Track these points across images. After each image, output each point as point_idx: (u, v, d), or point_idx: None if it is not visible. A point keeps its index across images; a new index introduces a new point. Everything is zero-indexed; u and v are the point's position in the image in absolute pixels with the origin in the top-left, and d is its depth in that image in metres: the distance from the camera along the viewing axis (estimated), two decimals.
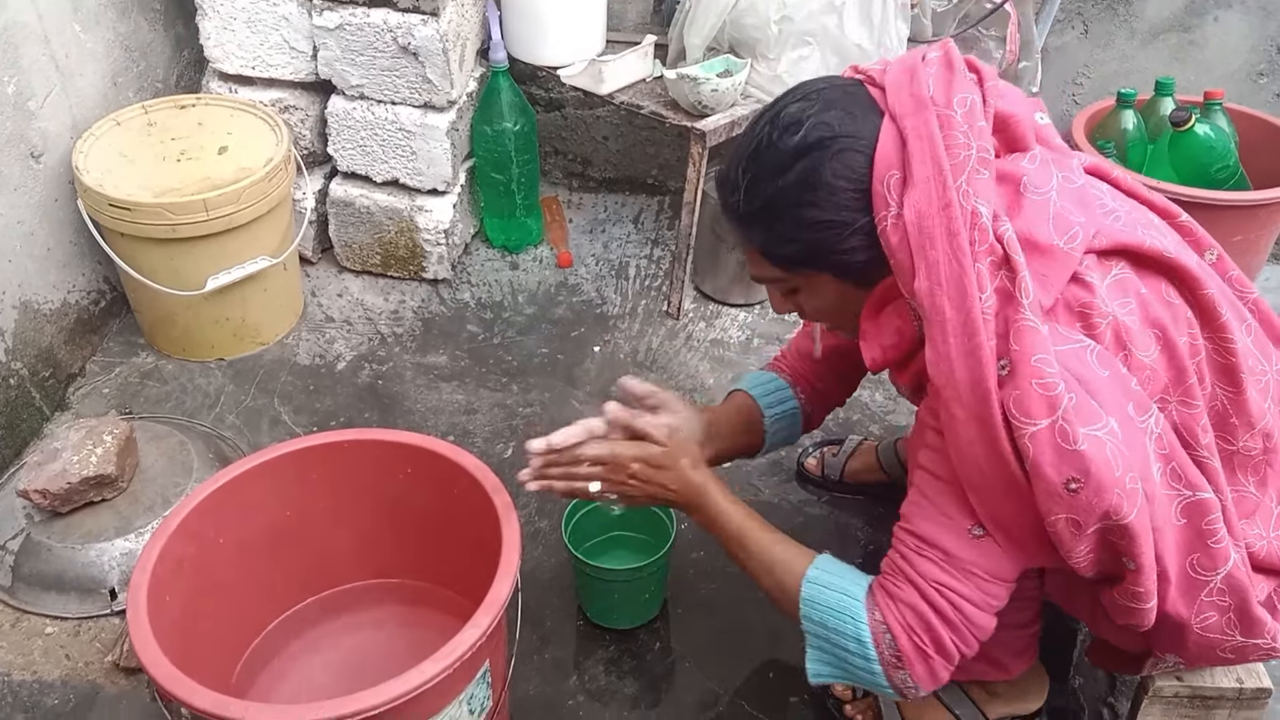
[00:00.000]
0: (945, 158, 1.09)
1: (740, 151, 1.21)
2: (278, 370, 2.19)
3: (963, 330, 1.06)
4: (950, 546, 1.15)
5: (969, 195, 1.08)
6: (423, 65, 2.17)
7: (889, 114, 1.14)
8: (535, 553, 1.82)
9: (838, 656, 1.22)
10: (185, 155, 2.09)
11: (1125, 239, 1.15)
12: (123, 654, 1.62)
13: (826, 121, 1.14)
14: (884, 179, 1.12)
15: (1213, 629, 1.18)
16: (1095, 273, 1.13)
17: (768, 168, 1.17)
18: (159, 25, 2.32)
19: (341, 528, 1.57)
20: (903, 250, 1.10)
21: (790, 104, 1.18)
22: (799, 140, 1.14)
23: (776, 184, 1.16)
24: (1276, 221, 2.22)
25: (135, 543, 1.71)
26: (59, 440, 1.74)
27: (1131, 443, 1.06)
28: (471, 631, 1.22)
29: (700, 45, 2.17)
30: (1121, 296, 1.13)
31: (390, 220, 2.35)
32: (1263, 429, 1.20)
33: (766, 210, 1.18)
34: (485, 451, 2.01)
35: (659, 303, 2.39)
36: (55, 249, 2.08)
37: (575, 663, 1.65)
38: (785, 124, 1.16)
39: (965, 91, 1.14)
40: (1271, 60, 2.44)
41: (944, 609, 1.15)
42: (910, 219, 1.09)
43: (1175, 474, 1.12)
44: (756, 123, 1.21)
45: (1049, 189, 1.13)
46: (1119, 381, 1.08)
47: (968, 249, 1.06)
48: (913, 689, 1.19)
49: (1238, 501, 1.20)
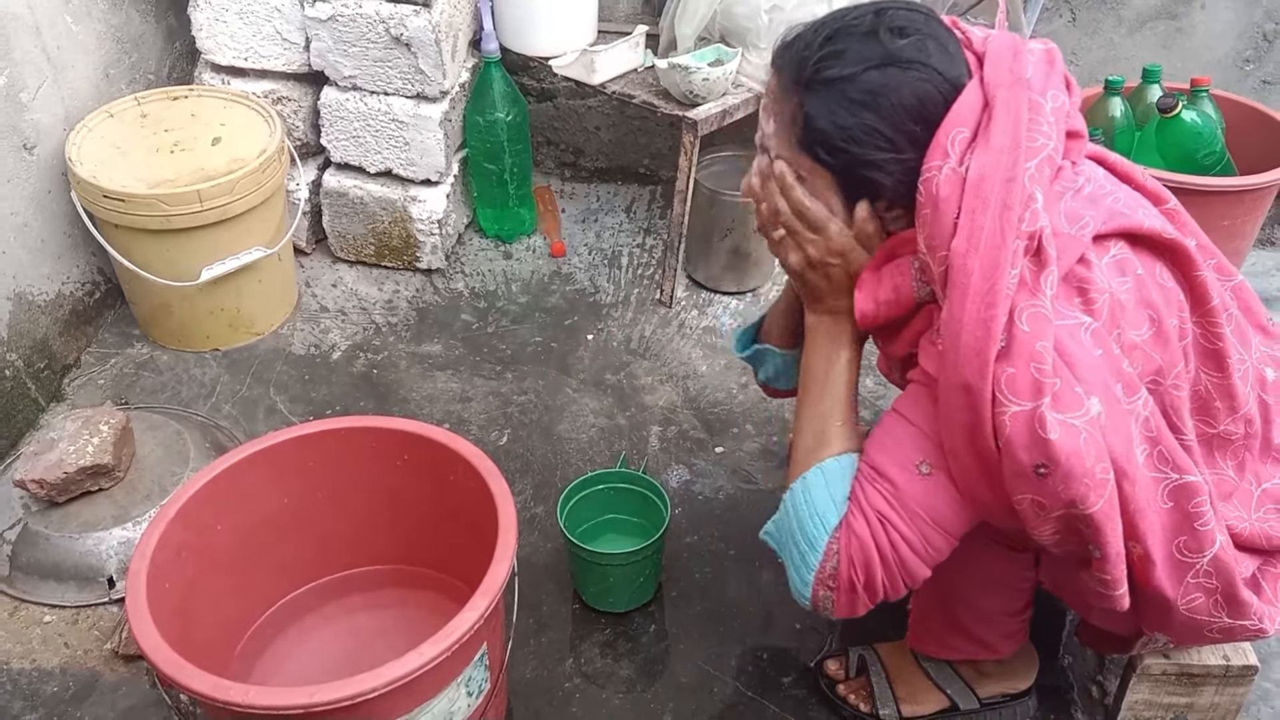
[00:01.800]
0: (1025, 137, 1.10)
1: (828, 23, 1.17)
2: (273, 360, 2.20)
3: (984, 298, 1.06)
4: (899, 480, 1.14)
5: (1034, 180, 1.09)
6: (415, 56, 2.17)
7: (980, 78, 1.14)
8: (531, 538, 1.83)
9: (791, 541, 1.20)
10: (179, 147, 2.09)
11: (1126, 222, 1.17)
12: (121, 641, 1.63)
13: (927, 47, 1.13)
14: (952, 132, 1.11)
15: (1199, 610, 1.20)
16: (1095, 251, 1.14)
17: (855, 51, 1.13)
18: (151, 17, 2.32)
19: (339, 514, 1.59)
20: (949, 204, 1.09)
21: (900, 9, 1.16)
22: (898, 47, 1.12)
23: (854, 70, 1.12)
24: (1262, 207, 2.24)
25: (132, 532, 1.72)
26: (55, 430, 1.75)
27: (1115, 425, 1.07)
28: (469, 615, 1.24)
29: (691, 35, 2.18)
30: (1120, 275, 1.15)
31: (384, 210, 2.36)
32: (1244, 414, 1.22)
33: (828, 87, 1.13)
34: (480, 439, 2.02)
35: (651, 291, 2.41)
36: (49, 240, 2.09)
37: (571, 646, 1.67)
38: (891, 22, 1.14)
39: (1059, 90, 1.16)
40: (1257, 47, 2.45)
41: (885, 550, 1.14)
42: (973, 177, 1.08)
43: (1162, 457, 1.13)
44: (854, 7, 1.17)
45: (1072, 187, 1.16)
46: (1110, 361, 1.10)
47: (1014, 225, 1.07)
48: (826, 611, 1.19)
49: (1215, 484, 1.22)
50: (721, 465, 1.98)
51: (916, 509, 1.14)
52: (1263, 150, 2.25)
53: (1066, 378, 1.05)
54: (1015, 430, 1.04)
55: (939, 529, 1.15)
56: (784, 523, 1.22)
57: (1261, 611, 1.21)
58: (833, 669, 1.59)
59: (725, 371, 2.19)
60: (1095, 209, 1.15)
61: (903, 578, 1.16)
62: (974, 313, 1.06)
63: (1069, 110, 1.17)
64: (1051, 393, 1.04)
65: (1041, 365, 1.04)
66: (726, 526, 1.86)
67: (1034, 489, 1.07)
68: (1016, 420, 1.04)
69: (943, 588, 1.40)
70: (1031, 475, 1.06)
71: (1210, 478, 1.21)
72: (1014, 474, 1.07)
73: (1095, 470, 1.05)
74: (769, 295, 2.40)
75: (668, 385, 2.16)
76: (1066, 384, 1.05)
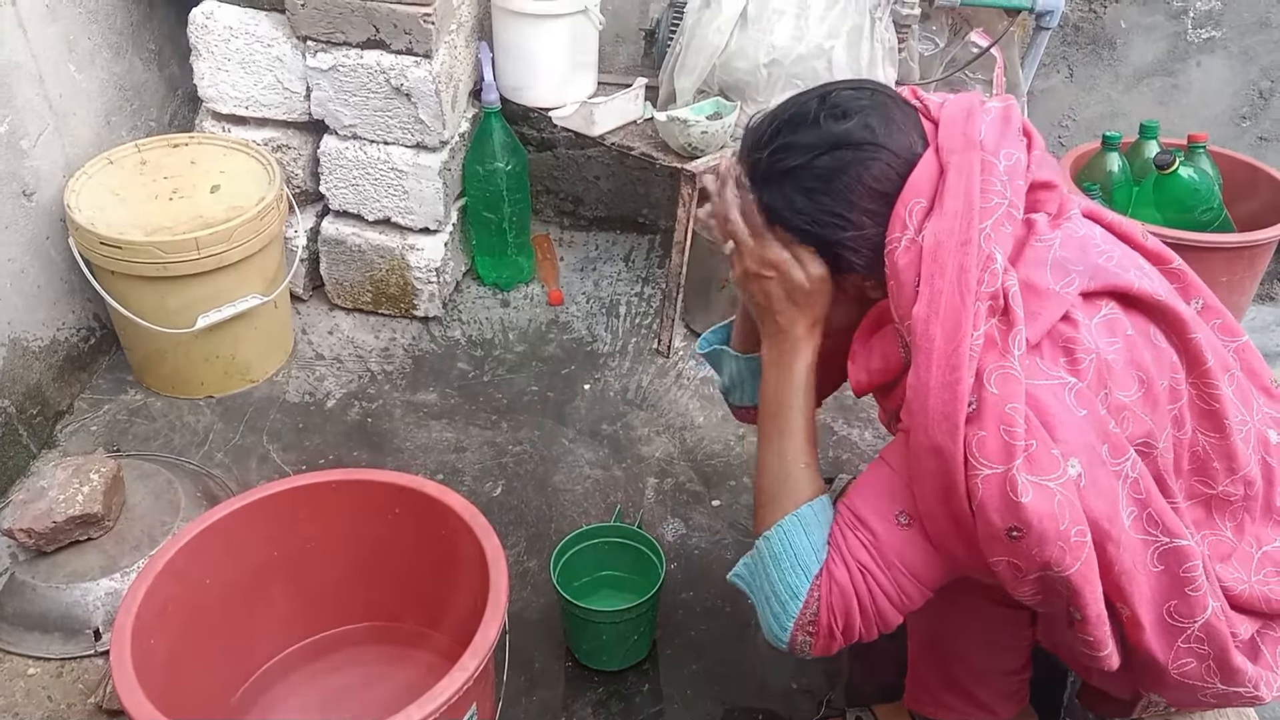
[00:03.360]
0: (978, 199, 1.11)
1: (778, 114, 1.20)
2: (267, 408, 2.19)
3: (948, 362, 1.07)
4: (878, 530, 1.15)
5: (990, 240, 1.10)
6: (415, 106, 2.19)
7: (935, 146, 1.16)
8: (524, 593, 1.81)
9: (767, 587, 1.20)
10: (177, 194, 2.10)
11: (1116, 281, 1.16)
12: (105, 695, 1.60)
13: (872, 125, 1.15)
14: (909, 203, 1.13)
15: (1192, 675, 1.18)
16: (1083, 311, 1.14)
17: (802, 140, 1.16)
18: (153, 65, 2.34)
19: (329, 568, 1.56)
20: (909, 273, 1.11)
21: (845, 90, 1.19)
22: (842, 130, 1.15)
23: (804, 160, 1.16)
24: (1260, 263, 2.24)
25: (121, 582, 1.70)
26: (45, 478, 1.74)
27: (1099, 487, 1.07)
28: (458, 675, 1.22)
29: (690, 88, 2.19)
30: (1109, 336, 1.14)
31: (381, 258, 2.36)
32: (1244, 475, 1.21)
33: (786, 178, 1.17)
34: (474, 490, 2.00)
35: (649, 340, 2.40)
36: (45, 286, 2.08)
37: (564, 705, 1.64)
38: (834, 107, 1.16)
39: (1013, 148, 1.17)
40: (1254, 104, 2.47)
41: (865, 599, 1.15)
42: (929, 245, 1.10)
43: (1151, 519, 1.12)
44: (802, 94, 1.20)
45: (1053, 238, 1.16)
46: (1095, 422, 1.09)
47: (973, 287, 1.08)
48: (803, 653, 1.19)
49: (1213, 545, 1.20)
50: (719, 519, 1.96)
51: (894, 560, 1.14)
52: (1260, 206, 2.26)
53: (1043, 439, 1.05)
54: (987, 494, 1.04)
55: (914, 580, 1.15)
56: (759, 569, 1.22)
57: (1257, 678, 1.19)
58: None
59: (722, 423, 2.17)
60: (1083, 264, 1.15)
61: (878, 624, 1.17)
62: (939, 376, 1.07)
63: (1025, 166, 1.17)
64: (1024, 455, 1.04)
65: (1012, 428, 1.04)
66: (723, 583, 1.82)
67: (1008, 551, 1.07)
68: (988, 484, 1.04)
69: (940, 646, 1.39)
70: (1005, 538, 1.05)
71: (1208, 540, 1.19)
72: (988, 536, 1.07)
73: (1070, 533, 1.05)
74: None
75: (664, 436, 2.15)
76: (1043, 445, 1.05)
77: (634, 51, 2.51)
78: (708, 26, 2.14)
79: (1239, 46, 2.41)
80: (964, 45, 2.28)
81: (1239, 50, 2.41)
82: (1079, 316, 1.13)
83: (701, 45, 2.14)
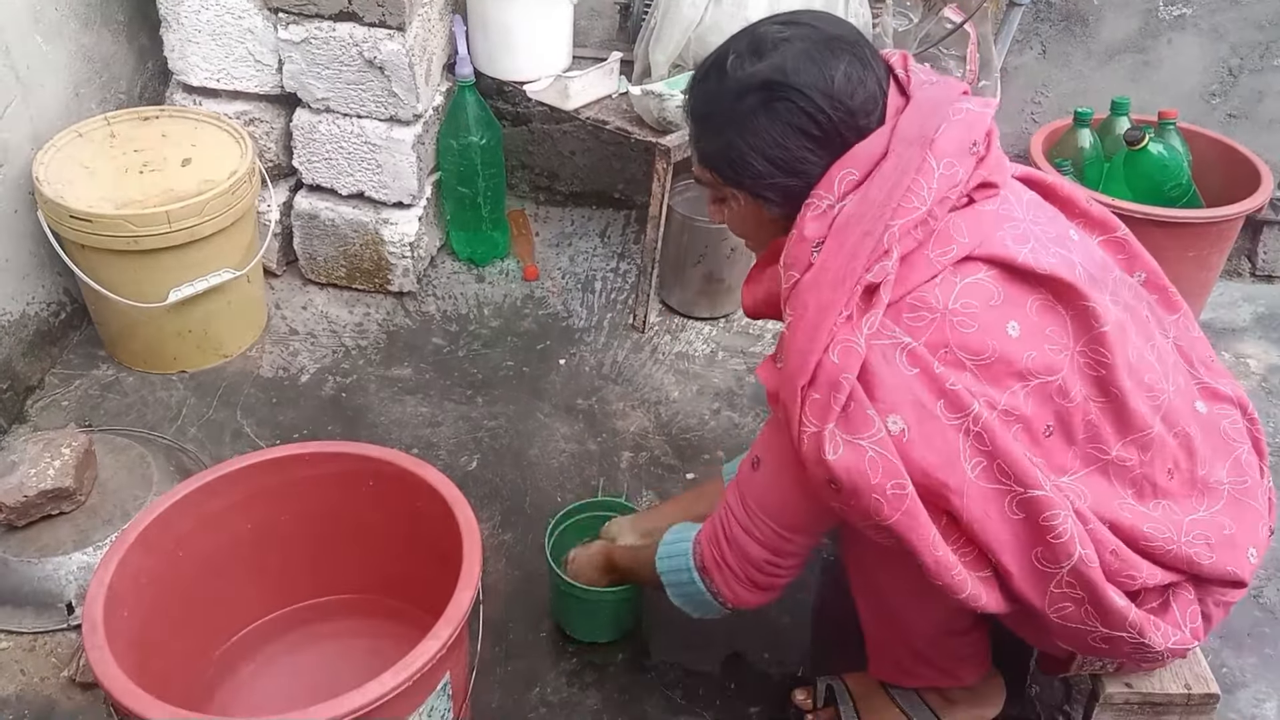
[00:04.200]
0: (899, 197, 1.14)
1: (711, 55, 1.24)
2: (241, 383, 2.18)
3: (811, 333, 1.14)
4: (741, 474, 1.32)
5: (893, 237, 1.13)
6: (388, 79, 2.17)
7: (892, 126, 1.17)
8: (499, 565, 1.82)
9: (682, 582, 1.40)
10: (148, 167, 2.08)
11: (1001, 253, 1.18)
12: (79, 669, 1.60)
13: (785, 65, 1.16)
14: (843, 170, 1.16)
15: (1072, 619, 1.20)
16: (954, 272, 1.17)
17: (714, 86, 1.21)
18: (122, 37, 2.31)
19: (303, 541, 1.57)
20: (812, 239, 1.17)
21: (773, 24, 1.21)
22: (751, 73, 1.18)
23: (715, 106, 1.21)
24: (1228, 239, 2.27)
25: (93, 556, 1.69)
26: (16, 453, 1.73)
27: (930, 441, 1.13)
28: (431, 643, 1.23)
29: (665, 62, 2.19)
30: (968, 297, 1.16)
31: (355, 233, 2.35)
32: (1139, 439, 1.23)
33: (703, 123, 1.24)
34: (449, 464, 2.01)
35: (625, 316, 2.41)
36: (14, 260, 2.06)
37: (537, 675, 1.65)
38: (754, 45, 1.18)
39: (960, 162, 1.17)
40: (1223, 81, 2.49)
41: (726, 528, 1.32)
42: (840, 221, 1.16)
43: (1002, 470, 1.15)
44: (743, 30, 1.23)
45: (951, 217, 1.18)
46: (928, 380, 1.13)
47: (859, 274, 1.13)
48: (721, 598, 1.37)
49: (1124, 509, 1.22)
50: None
51: (746, 495, 1.30)
52: (1228, 183, 2.28)
53: (860, 399, 1.12)
54: (808, 450, 1.14)
55: (762, 514, 1.28)
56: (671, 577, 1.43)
57: (1142, 622, 1.21)
58: (801, 699, 1.59)
59: (697, 397, 2.18)
60: (971, 236, 1.17)
61: (747, 561, 1.31)
62: (800, 343, 1.15)
63: (962, 183, 1.17)
64: (840, 415, 1.12)
65: (837, 393, 1.12)
66: None
67: (835, 500, 1.16)
68: (811, 440, 1.14)
69: (884, 614, 1.43)
70: (827, 489, 1.15)
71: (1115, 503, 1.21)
72: (816, 486, 1.17)
73: (885, 486, 1.11)
74: (741, 321, 2.40)
75: (639, 411, 2.16)
76: (859, 406, 1.12)
77: (609, 25, 2.49)
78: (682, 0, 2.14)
79: (1209, 24, 2.43)
80: (938, 21, 2.28)
81: (1209, 28, 2.43)
82: (946, 276, 1.16)
83: (676, 19, 2.13)
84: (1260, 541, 1.30)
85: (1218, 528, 1.26)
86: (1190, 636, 1.26)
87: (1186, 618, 1.26)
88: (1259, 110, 2.51)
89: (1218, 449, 1.32)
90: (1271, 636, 1.77)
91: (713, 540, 1.35)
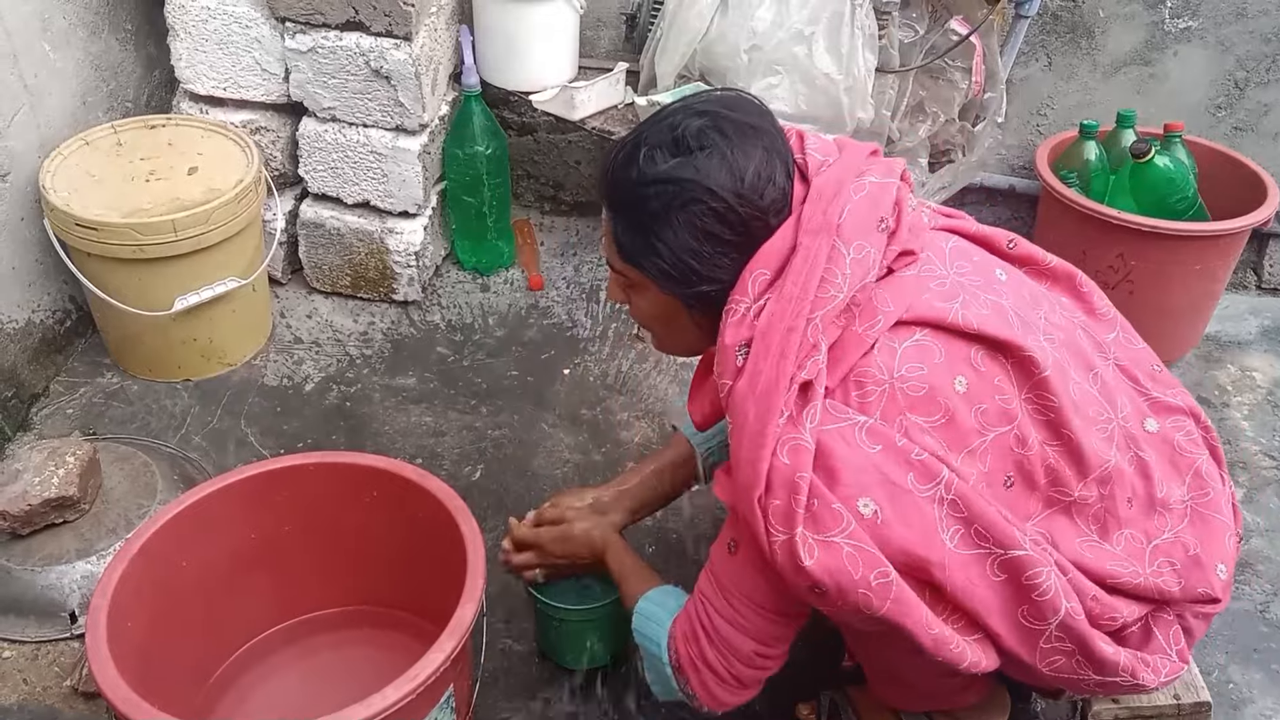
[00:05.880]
0: (815, 289, 1.12)
1: (629, 138, 1.21)
2: (245, 391, 2.18)
3: (755, 440, 1.12)
4: (715, 559, 1.25)
5: (817, 330, 1.12)
6: (395, 89, 2.18)
7: (797, 216, 1.16)
8: (503, 577, 1.81)
9: (656, 668, 1.33)
10: (154, 175, 2.08)
11: (930, 314, 1.18)
12: (81, 678, 1.60)
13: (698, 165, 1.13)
14: (755, 272, 1.15)
15: (1064, 670, 1.20)
16: (889, 337, 1.15)
17: (629, 175, 1.18)
18: (130, 45, 2.31)
19: (307, 551, 1.56)
20: (734, 346, 1.15)
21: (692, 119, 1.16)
22: (666, 169, 1.15)
23: (629, 195, 1.18)
24: (1234, 251, 2.27)
25: (97, 565, 1.69)
26: (20, 461, 1.73)
27: (906, 518, 1.10)
28: (435, 656, 1.22)
29: (671, 73, 2.19)
30: (915, 361, 1.15)
31: (360, 242, 2.35)
32: (1098, 476, 1.21)
33: (619, 211, 1.21)
34: (453, 474, 2.00)
35: (629, 326, 2.40)
36: (20, 268, 2.07)
37: (541, 688, 1.65)
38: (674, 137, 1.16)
39: (869, 240, 1.16)
40: (1229, 94, 2.49)
41: (705, 622, 1.24)
42: (761, 325, 1.13)
43: (980, 534, 1.13)
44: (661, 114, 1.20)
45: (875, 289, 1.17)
46: (894, 454, 1.11)
47: (790, 372, 1.11)
48: (695, 700, 1.29)
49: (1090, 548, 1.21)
50: (696, 504, 1.97)
51: (726, 583, 1.22)
52: (1234, 195, 2.28)
53: (823, 495, 1.09)
54: (783, 559, 1.10)
55: (749, 603, 1.21)
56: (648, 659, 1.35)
57: (1133, 665, 1.21)
58: (804, 713, 1.58)
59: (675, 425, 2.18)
60: (896, 304, 1.16)
61: (729, 650, 1.23)
62: (747, 453, 1.12)
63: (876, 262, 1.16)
64: (806, 516, 1.08)
65: (797, 494, 1.08)
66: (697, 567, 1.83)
67: (820, 604, 1.13)
68: (782, 549, 1.10)
69: (882, 669, 1.44)
70: (810, 595, 1.12)
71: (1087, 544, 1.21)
72: (799, 591, 1.13)
73: (870, 578, 1.09)
74: None
75: (644, 421, 2.15)
76: (823, 502, 1.09)
77: (615, 36, 2.50)
78: (689, 11, 2.14)
79: (1215, 37, 2.43)
80: (944, 32, 2.28)
81: (1215, 40, 2.43)
82: (883, 343, 1.15)
83: (682, 30, 2.14)
84: (1228, 556, 1.29)
85: (1182, 550, 1.26)
86: (1178, 661, 1.26)
87: (1171, 640, 1.26)
88: (1265, 123, 2.51)
89: (1175, 464, 1.31)
90: (1278, 652, 1.76)
91: (689, 638, 1.27)
